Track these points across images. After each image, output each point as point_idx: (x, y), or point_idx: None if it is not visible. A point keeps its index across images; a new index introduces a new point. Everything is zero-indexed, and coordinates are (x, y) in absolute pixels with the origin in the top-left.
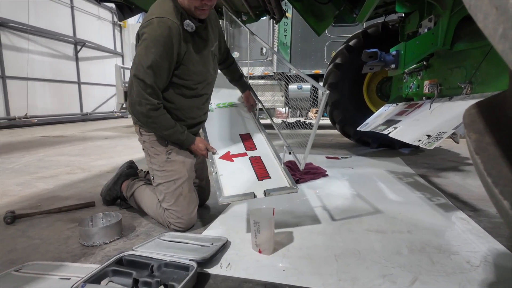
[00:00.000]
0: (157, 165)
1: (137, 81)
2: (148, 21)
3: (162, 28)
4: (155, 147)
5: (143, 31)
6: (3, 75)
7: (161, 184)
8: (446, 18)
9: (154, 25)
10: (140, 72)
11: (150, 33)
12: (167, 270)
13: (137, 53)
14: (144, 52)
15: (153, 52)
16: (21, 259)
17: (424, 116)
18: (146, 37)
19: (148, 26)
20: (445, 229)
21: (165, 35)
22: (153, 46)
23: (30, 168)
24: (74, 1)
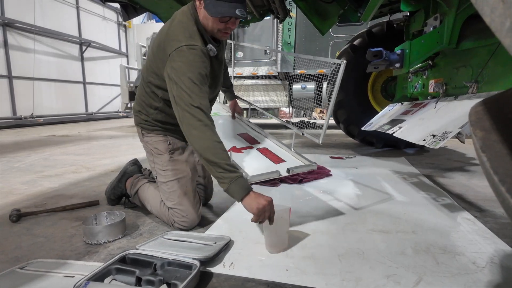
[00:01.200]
0: (160, 164)
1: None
2: (177, 49)
3: (193, 55)
4: (158, 147)
5: (175, 58)
6: (9, 75)
7: (165, 183)
8: (452, 17)
9: (185, 53)
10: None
11: (183, 61)
12: (170, 269)
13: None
14: (183, 79)
15: (190, 76)
16: (26, 257)
17: (429, 116)
18: (181, 66)
19: (178, 54)
20: (451, 230)
21: (197, 61)
22: (191, 72)
23: (36, 167)
24: (79, 2)
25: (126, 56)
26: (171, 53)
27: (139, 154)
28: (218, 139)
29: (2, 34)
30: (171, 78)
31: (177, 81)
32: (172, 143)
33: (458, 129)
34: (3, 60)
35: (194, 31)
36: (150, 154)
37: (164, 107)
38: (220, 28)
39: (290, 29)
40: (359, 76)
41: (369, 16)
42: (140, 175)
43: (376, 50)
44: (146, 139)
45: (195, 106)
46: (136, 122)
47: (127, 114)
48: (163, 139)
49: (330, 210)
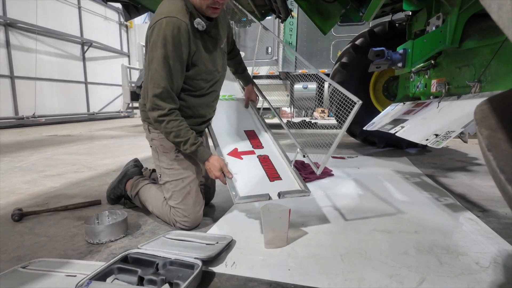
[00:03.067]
0: (166, 163)
1: (151, 85)
2: (156, 22)
3: (171, 28)
4: (164, 144)
5: (152, 32)
6: (11, 75)
7: (169, 182)
8: (454, 16)
9: (163, 26)
10: (153, 76)
11: (159, 34)
12: (172, 268)
13: (148, 57)
14: (155, 54)
15: (163, 53)
16: (28, 256)
17: (432, 115)
18: (156, 39)
19: (156, 27)
20: (453, 230)
21: (173, 35)
22: (163, 47)
23: (38, 167)
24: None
25: (128, 56)
26: (151, 26)
27: (140, 154)
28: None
29: (4, 34)
30: (149, 51)
31: (150, 57)
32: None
33: (461, 128)
34: (5, 60)
35: (179, 6)
36: (155, 152)
37: None
38: (209, 4)
39: (291, 29)
40: (361, 76)
41: (371, 15)
42: (140, 176)
43: (378, 49)
44: (153, 135)
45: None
46: (143, 117)
47: (128, 114)
48: None
49: (332, 210)
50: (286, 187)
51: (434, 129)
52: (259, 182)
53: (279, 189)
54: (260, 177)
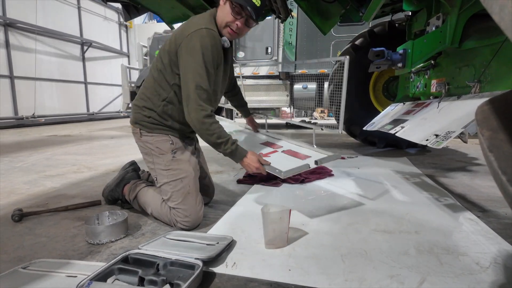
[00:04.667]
0: (163, 164)
1: (193, 86)
2: (196, 30)
3: (210, 38)
4: (160, 147)
5: (191, 39)
6: (11, 75)
7: (167, 183)
8: (454, 16)
9: (203, 34)
10: (196, 78)
11: (201, 41)
12: (173, 269)
13: (189, 61)
14: (196, 59)
15: (204, 59)
16: (28, 256)
17: (432, 115)
18: (196, 45)
19: (196, 35)
20: (453, 230)
21: (213, 44)
22: (203, 54)
23: (38, 167)
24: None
25: (127, 56)
26: (189, 33)
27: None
28: (213, 120)
29: (4, 34)
30: (185, 57)
31: (190, 60)
32: (174, 142)
33: (461, 129)
34: (5, 60)
35: (212, 23)
36: (149, 154)
37: (173, 97)
38: (229, 21)
39: (291, 29)
40: (361, 76)
41: (371, 15)
42: (138, 180)
43: (378, 49)
44: (145, 138)
45: (202, 87)
46: (136, 119)
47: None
48: (165, 139)
49: (332, 210)
50: (319, 157)
51: (434, 130)
52: (294, 162)
53: (314, 159)
54: (293, 160)
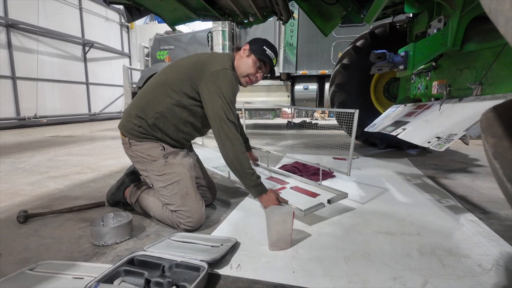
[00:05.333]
0: (156, 170)
1: (227, 123)
2: (224, 69)
3: (234, 79)
4: (151, 154)
5: (218, 75)
6: (13, 75)
7: (164, 187)
8: (456, 19)
9: (229, 75)
10: (228, 114)
11: (228, 81)
12: (178, 271)
13: (217, 99)
14: (225, 94)
15: (231, 97)
16: (34, 258)
17: (434, 118)
18: (225, 83)
19: (224, 73)
20: (455, 232)
21: (235, 86)
22: (230, 92)
23: (41, 168)
24: (82, 3)
25: (129, 56)
26: (216, 70)
27: None
28: (244, 150)
29: (6, 35)
30: (214, 92)
31: (220, 96)
32: (165, 148)
33: (463, 132)
34: (7, 61)
35: (232, 66)
36: (141, 163)
37: (167, 113)
38: (251, 72)
39: (292, 30)
40: (362, 77)
41: (373, 17)
42: (138, 183)
43: (380, 52)
44: (135, 148)
45: (231, 121)
46: (126, 128)
47: None
48: (155, 145)
49: (334, 212)
50: (329, 196)
51: (436, 132)
52: (306, 200)
53: (326, 198)
54: (303, 197)
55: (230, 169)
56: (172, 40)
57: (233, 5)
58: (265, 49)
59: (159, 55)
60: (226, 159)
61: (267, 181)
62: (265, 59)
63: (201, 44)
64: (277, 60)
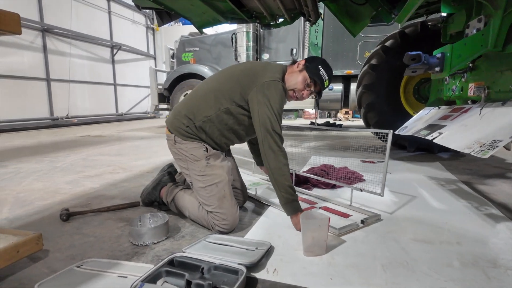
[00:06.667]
0: (198, 170)
1: (272, 134)
2: (274, 81)
3: (283, 92)
4: (194, 153)
5: (269, 87)
6: (48, 77)
7: (203, 188)
8: (498, 19)
9: (279, 88)
10: (274, 125)
11: (277, 93)
12: (217, 273)
13: (266, 109)
14: (274, 106)
15: (278, 107)
16: (79, 255)
17: (474, 122)
18: (275, 95)
19: (274, 85)
20: (497, 242)
21: (282, 97)
22: (279, 103)
23: (76, 167)
24: (111, 6)
25: (154, 58)
26: (267, 81)
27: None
28: (287, 163)
29: (42, 39)
30: (263, 102)
31: (268, 107)
32: (208, 149)
33: (509, 138)
34: (42, 64)
35: (282, 78)
36: (183, 161)
37: (215, 118)
38: (298, 88)
39: (317, 30)
40: (391, 78)
41: (405, 18)
42: (174, 183)
43: (415, 53)
44: (179, 145)
45: (277, 133)
46: (174, 126)
47: (155, 115)
48: (199, 145)
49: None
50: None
51: (477, 137)
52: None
53: (359, 218)
54: (336, 218)
55: (270, 179)
56: (197, 42)
57: (261, 7)
58: (319, 68)
59: (184, 57)
60: (268, 169)
61: None
62: (316, 78)
63: (225, 46)
64: (330, 82)
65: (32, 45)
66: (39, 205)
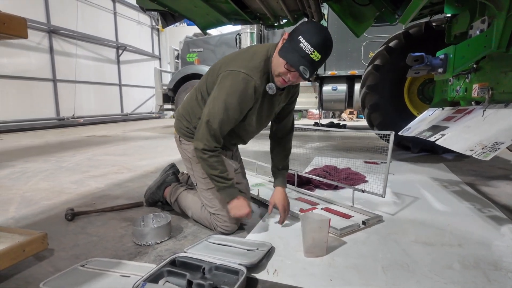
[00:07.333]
0: (201, 172)
1: (205, 124)
2: (235, 71)
3: (245, 85)
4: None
5: (227, 77)
6: (54, 78)
7: (206, 190)
8: (502, 20)
9: (238, 79)
10: (211, 117)
11: (232, 85)
12: (218, 273)
13: (214, 97)
14: (220, 98)
15: (229, 102)
16: (83, 255)
17: (476, 124)
18: (227, 86)
19: (232, 76)
20: (500, 244)
21: (245, 93)
22: (229, 97)
23: (82, 167)
24: (116, 8)
25: (159, 58)
26: (229, 70)
27: (175, 156)
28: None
29: (48, 40)
30: (217, 89)
31: (216, 97)
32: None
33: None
34: (48, 64)
35: (261, 65)
36: (188, 161)
37: None
38: (281, 72)
39: None
40: (395, 79)
41: (409, 18)
42: (178, 183)
43: (417, 55)
44: (184, 146)
45: (213, 128)
46: (176, 127)
47: (159, 115)
48: None
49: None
50: (364, 218)
51: (480, 139)
52: (340, 222)
53: (360, 219)
54: (338, 218)
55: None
56: (201, 42)
57: (265, 9)
58: (299, 40)
59: (188, 58)
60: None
61: (297, 202)
62: (292, 57)
63: (229, 46)
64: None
65: (39, 46)
66: (44, 204)
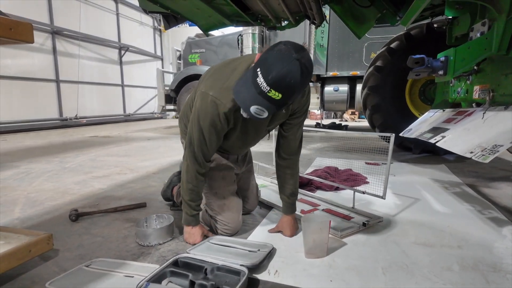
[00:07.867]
0: None
1: (188, 146)
2: (205, 92)
3: (212, 109)
4: None
5: (197, 99)
6: (57, 79)
7: (205, 194)
8: (502, 22)
9: (207, 102)
10: (192, 140)
11: (202, 108)
12: (220, 274)
13: (191, 119)
14: (196, 122)
15: (202, 126)
16: (88, 255)
17: (476, 126)
18: (198, 108)
19: (201, 99)
20: (499, 246)
21: (214, 118)
22: (203, 121)
23: (85, 168)
24: (119, 8)
25: (161, 59)
26: (200, 90)
27: (177, 156)
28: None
29: (52, 41)
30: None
31: (192, 118)
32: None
33: (510, 143)
34: (52, 65)
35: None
36: None
37: None
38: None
39: (323, 31)
40: (396, 80)
41: (410, 20)
42: None
43: (418, 57)
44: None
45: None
46: (180, 128)
47: (162, 116)
48: None
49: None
50: (364, 219)
51: (479, 142)
52: (341, 223)
53: (361, 221)
54: (337, 220)
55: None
56: (203, 43)
57: (266, 11)
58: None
59: (190, 58)
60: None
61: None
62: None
63: (231, 47)
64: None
65: (43, 47)
66: (49, 205)
